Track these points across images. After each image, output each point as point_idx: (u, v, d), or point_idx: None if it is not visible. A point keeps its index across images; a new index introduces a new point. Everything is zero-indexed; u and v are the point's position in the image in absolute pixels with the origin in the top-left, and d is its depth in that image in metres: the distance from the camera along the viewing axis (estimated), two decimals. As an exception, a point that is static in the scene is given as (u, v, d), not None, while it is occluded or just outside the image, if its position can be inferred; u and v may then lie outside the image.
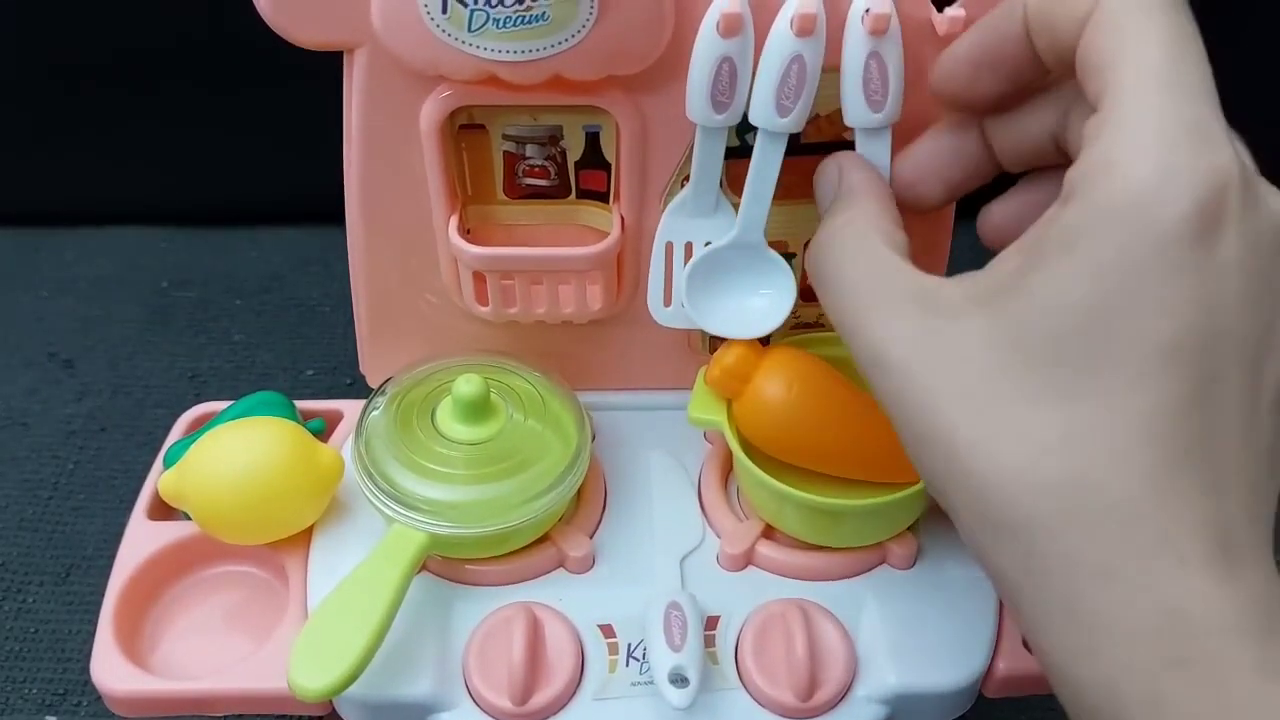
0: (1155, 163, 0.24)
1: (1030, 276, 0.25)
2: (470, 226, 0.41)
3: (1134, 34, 0.26)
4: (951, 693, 0.37)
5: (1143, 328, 0.24)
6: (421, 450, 0.38)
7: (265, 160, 0.69)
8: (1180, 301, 0.24)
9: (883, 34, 0.34)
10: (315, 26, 0.36)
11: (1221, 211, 0.24)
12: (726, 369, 0.38)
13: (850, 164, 0.35)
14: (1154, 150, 0.24)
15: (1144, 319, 0.24)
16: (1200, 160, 0.24)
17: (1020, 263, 0.26)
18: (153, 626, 0.39)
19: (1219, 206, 0.24)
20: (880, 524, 0.39)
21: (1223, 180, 0.24)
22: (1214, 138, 0.25)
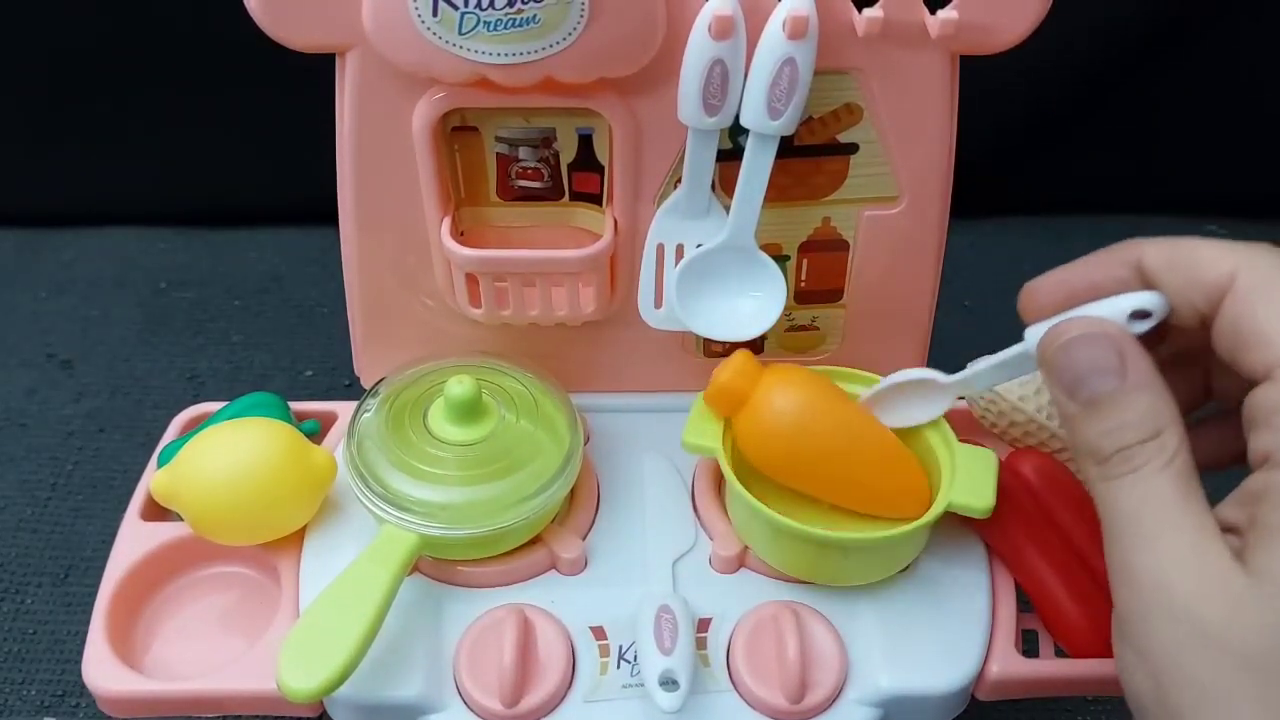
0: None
1: (1275, 545, 0.26)
2: (463, 229, 0.41)
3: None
4: (943, 696, 0.37)
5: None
6: (413, 451, 0.38)
7: (264, 161, 0.69)
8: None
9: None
10: (306, 29, 0.36)
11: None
12: (727, 382, 0.37)
13: (1131, 348, 0.30)
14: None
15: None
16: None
17: (1253, 534, 0.27)
18: (145, 627, 0.39)
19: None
20: (876, 562, 0.38)
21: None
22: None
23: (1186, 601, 0.27)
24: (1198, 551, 0.27)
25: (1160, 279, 0.30)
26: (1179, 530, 0.27)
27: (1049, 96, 0.71)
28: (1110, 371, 0.29)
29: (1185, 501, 0.28)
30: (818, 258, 0.42)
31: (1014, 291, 0.78)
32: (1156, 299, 0.30)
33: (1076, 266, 0.33)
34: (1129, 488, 0.28)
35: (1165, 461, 0.28)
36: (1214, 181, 0.75)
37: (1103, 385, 0.29)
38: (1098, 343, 0.30)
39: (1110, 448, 0.29)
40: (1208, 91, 0.71)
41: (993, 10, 0.36)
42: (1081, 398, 0.30)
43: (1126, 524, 0.28)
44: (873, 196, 0.41)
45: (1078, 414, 0.30)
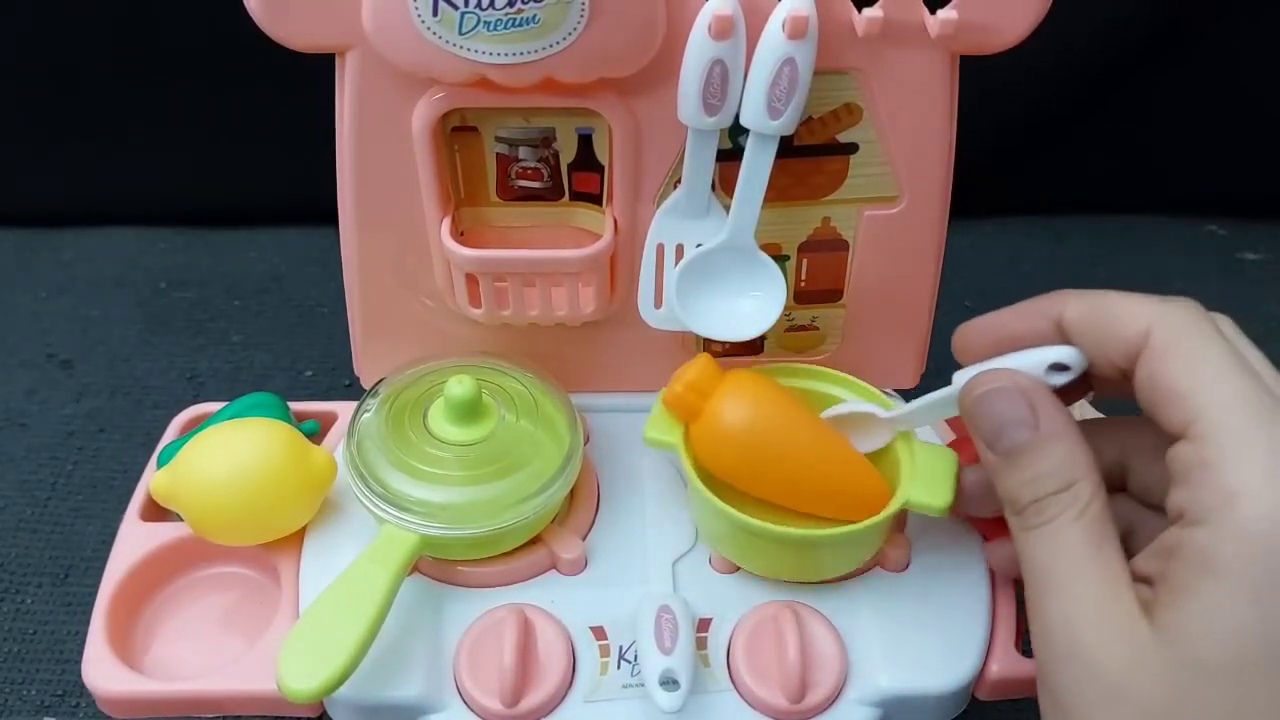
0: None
1: (1184, 603, 0.27)
2: (463, 229, 0.41)
3: (1206, 363, 0.28)
4: (944, 695, 0.37)
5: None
6: (413, 451, 0.38)
7: (264, 161, 0.69)
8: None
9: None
10: (306, 29, 0.36)
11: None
12: (687, 386, 0.38)
13: (1044, 401, 0.31)
14: (1276, 481, 0.26)
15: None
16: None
17: (1164, 589, 0.27)
18: (145, 628, 0.39)
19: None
20: (835, 558, 0.38)
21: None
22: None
23: (1092, 652, 0.27)
24: (1105, 603, 0.28)
25: (1077, 335, 0.31)
26: (1088, 581, 0.28)
27: (1049, 96, 0.71)
28: (1023, 423, 0.30)
29: (1097, 552, 0.28)
30: (817, 258, 0.42)
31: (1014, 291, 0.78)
32: (1073, 353, 0.31)
33: (1004, 315, 0.34)
34: (1043, 539, 0.29)
35: (1078, 512, 0.29)
36: (1214, 181, 0.75)
37: (1017, 436, 0.30)
38: (1010, 395, 0.31)
39: (1026, 498, 0.30)
40: (1208, 91, 0.71)
41: (992, 10, 0.36)
42: (1000, 449, 0.31)
43: (1040, 574, 0.29)
44: (872, 196, 0.41)
45: (997, 464, 0.31)
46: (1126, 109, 0.72)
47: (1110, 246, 0.75)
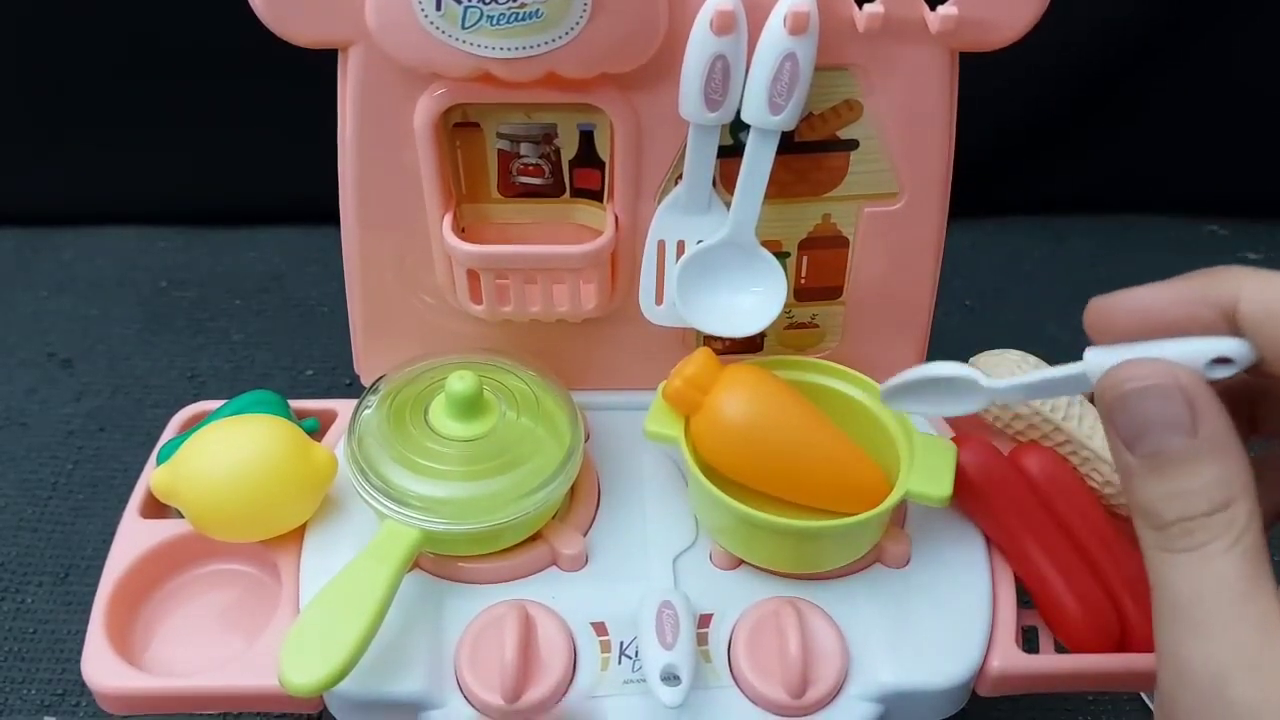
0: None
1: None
2: (465, 225, 0.41)
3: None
4: (945, 690, 0.37)
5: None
6: (414, 447, 0.38)
7: (264, 160, 0.69)
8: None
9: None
10: (309, 25, 0.36)
11: None
12: (687, 380, 0.37)
13: (1207, 403, 0.26)
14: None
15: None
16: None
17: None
18: (145, 624, 0.39)
19: None
20: (834, 550, 0.38)
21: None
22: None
23: (1243, 709, 0.24)
24: (1263, 653, 0.24)
25: (1253, 329, 0.27)
26: (1243, 624, 0.25)
27: (1049, 96, 0.71)
28: (1180, 428, 0.26)
29: (1253, 589, 0.25)
30: (818, 254, 0.42)
31: (1014, 291, 0.79)
32: (1243, 348, 0.26)
33: (1158, 293, 0.28)
34: (1189, 566, 0.25)
35: (1233, 539, 0.25)
36: (1214, 181, 0.75)
37: (1169, 443, 0.26)
38: (1169, 395, 0.26)
39: (1171, 514, 0.26)
40: (1208, 92, 0.71)
41: (992, 6, 0.36)
42: (1143, 451, 0.26)
43: (1183, 607, 0.25)
44: (873, 193, 0.41)
45: (1136, 469, 0.26)
46: (1127, 109, 0.72)
47: (1110, 246, 0.75)
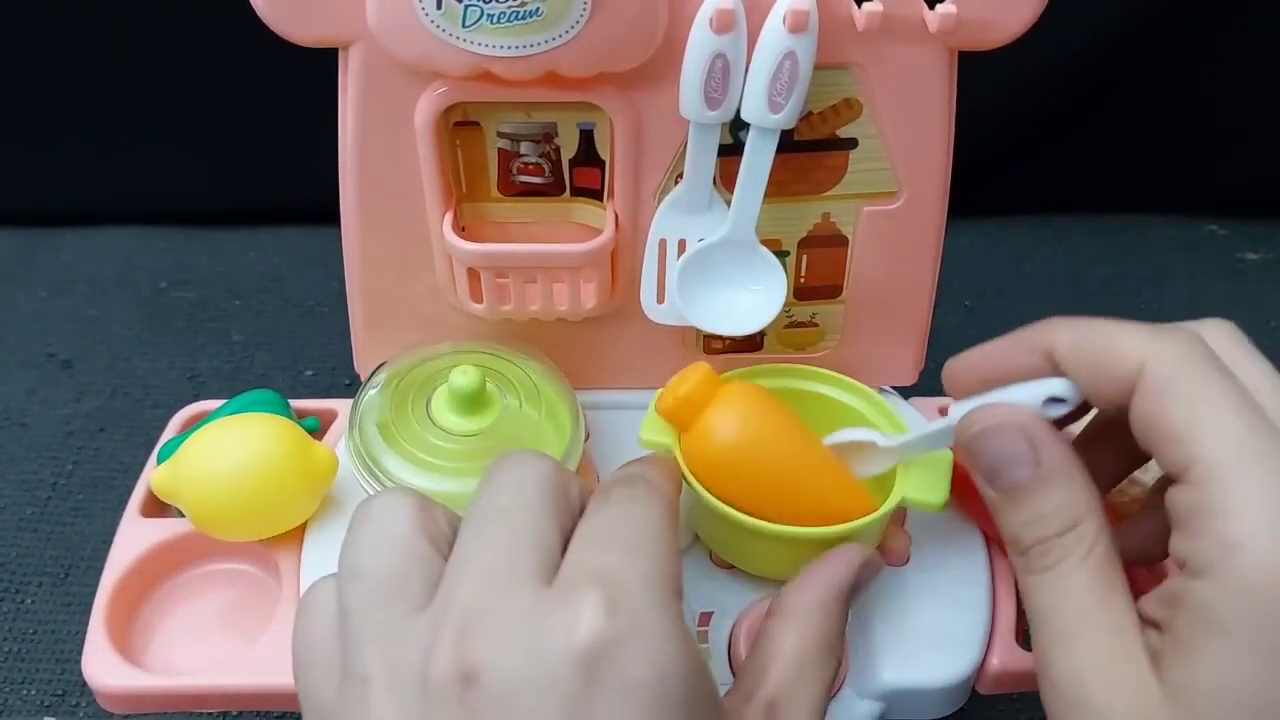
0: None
1: (1189, 660, 0.26)
2: (465, 224, 0.41)
3: (1203, 402, 0.27)
4: (944, 688, 0.37)
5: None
6: (417, 440, 0.38)
7: (264, 160, 0.69)
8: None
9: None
10: (310, 23, 0.36)
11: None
12: (680, 400, 0.36)
13: (1044, 436, 0.30)
14: (1278, 532, 0.25)
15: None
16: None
17: (1170, 642, 0.26)
18: (145, 623, 0.39)
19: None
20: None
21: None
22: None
23: (1102, 710, 0.26)
24: (1115, 656, 0.27)
25: (1070, 369, 0.30)
26: (1096, 631, 0.27)
27: (1049, 95, 0.71)
28: (1023, 461, 0.29)
29: (1105, 598, 0.28)
30: (817, 253, 0.42)
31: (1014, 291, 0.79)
32: (1069, 387, 0.30)
33: (991, 349, 0.33)
34: (1048, 584, 0.28)
35: (1083, 555, 0.28)
36: (1214, 181, 0.75)
37: (1017, 474, 0.29)
38: (1008, 433, 0.30)
39: (1029, 539, 0.29)
40: (1208, 91, 0.71)
41: (991, 5, 0.36)
42: (1000, 486, 0.30)
43: (1046, 622, 0.28)
44: (872, 192, 0.41)
45: (998, 502, 0.30)
46: (1127, 108, 0.72)
47: (1110, 246, 0.75)
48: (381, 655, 0.26)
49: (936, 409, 0.46)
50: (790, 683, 0.30)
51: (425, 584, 0.27)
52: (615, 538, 0.28)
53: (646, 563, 0.27)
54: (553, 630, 0.25)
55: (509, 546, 0.27)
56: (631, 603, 0.26)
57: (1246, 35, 0.69)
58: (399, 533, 0.28)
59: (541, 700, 0.24)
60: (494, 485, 0.29)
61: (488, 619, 0.25)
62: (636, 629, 0.25)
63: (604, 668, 0.24)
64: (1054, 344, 0.30)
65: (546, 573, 0.27)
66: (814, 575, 0.33)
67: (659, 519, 0.29)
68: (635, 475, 0.31)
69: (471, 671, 0.25)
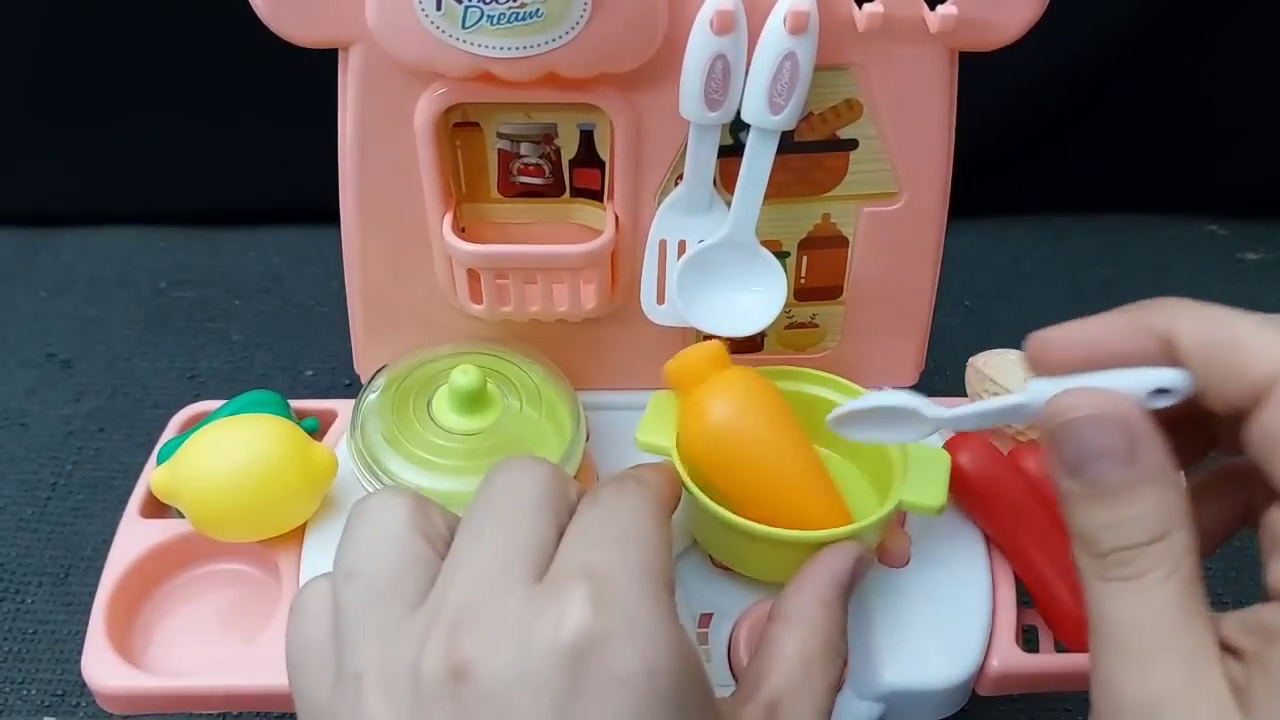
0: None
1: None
2: (464, 224, 0.41)
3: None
4: (945, 690, 0.37)
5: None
6: (418, 440, 0.38)
7: (264, 160, 0.69)
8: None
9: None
10: (310, 24, 0.36)
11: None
12: (689, 362, 0.36)
13: (1146, 435, 0.27)
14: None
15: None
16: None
17: (1260, 677, 0.25)
18: (145, 624, 0.39)
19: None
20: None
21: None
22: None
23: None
24: (1195, 686, 0.25)
25: (1194, 363, 0.27)
26: (1176, 654, 0.25)
27: (1049, 96, 0.71)
28: (1119, 458, 0.26)
29: (1187, 620, 0.25)
30: (817, 254, 0.42)
31: (1014, 291, 0.79)
32: (1184, 379, 0.27)
33: (1098, 325, 0.29)
34: (1125, 595, 0.26)
35: (1169, 570, 0.25)
36: (1214, 181, 0.75)
37: (1108, 472, 0.26)
38: (1108, 425, 0.27)
39: (1108, 543, 0.26)
40: (1208, 91, 0.71)
41: (992, 6, 0.36)
42: (1083, 479, 0.27)
43: (1118, 635, 0.26)
44: (872, 193, 0.41)
45: (1076, 496, 0.27)
46: (1127, 108, 0.72)
47: (1110, 246, 0.75)
48: (375, 653, 0.26)
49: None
50: (793, 684, 0.30)
51: (421, 583, 0.27)
52: (604, 534, 0.28)
53: (635, 558, 0.27)
54: (541, 626, 0.25)
55: (504, 546, 0.27)
56: (620, 597, 0.26)
57: (1246, 35, 0.69)
58: (395, 532, 0.28)
59: (531, 696, 0.24)
60: (492, 487, 0.29)
61: (479, 616, 0.25)
62: (624, 623, 0.25)
63: (591, 663, 0.24)
64: (1176, 332, 0.27)
65: (540, 572, 0.27)
66: (811, 575, 0.33)
67: (648, 515, 0.29)
68: (626, 476, 0.31)
69: (462, 668, 0.24)
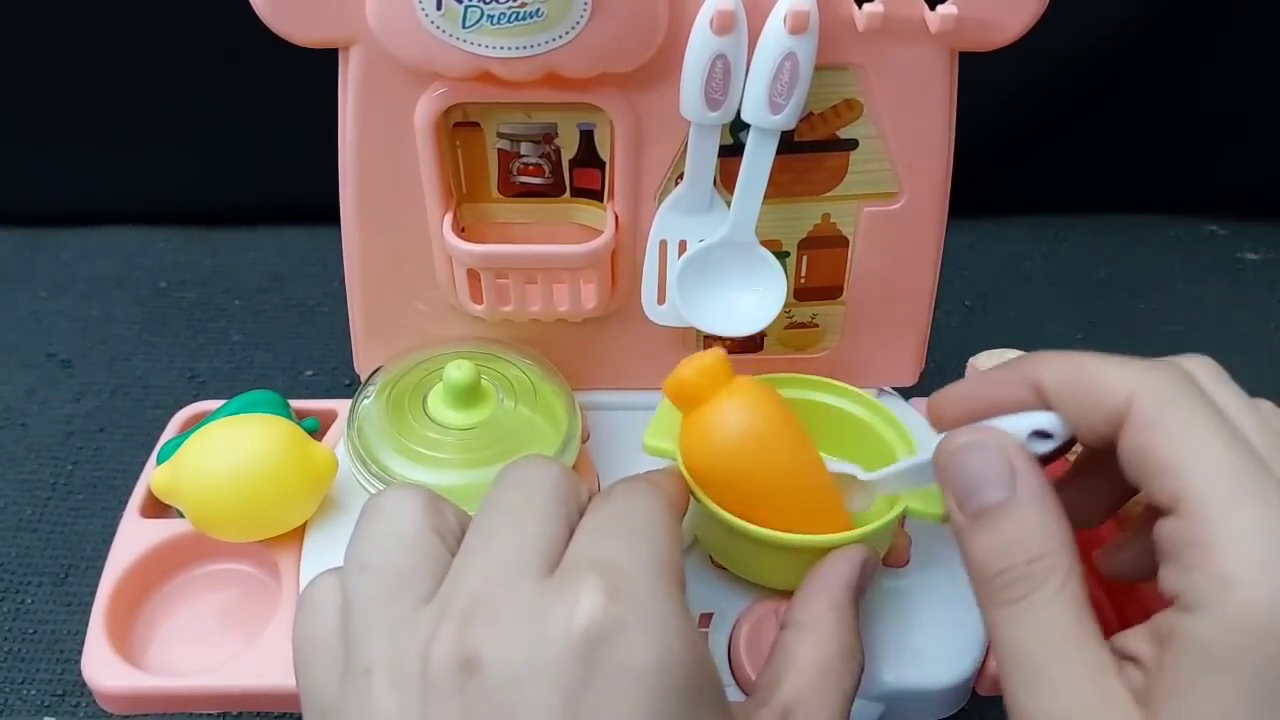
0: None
1: (1183, 697, 0.25)
2: (465, 224, 0.41)
3: (1192, 435, 0.26)
4: (945, 690, 0.37)
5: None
6: (413, 436, 0.38)
7: (264, 160, 0.69)
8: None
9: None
10: (310, 24, 0.36)
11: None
12: (687, 380, 0.35)
13: (1024, 462, 0.29)
14: (1272, 566, 0.24)
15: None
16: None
17: (1160, 679, 0.25)
18: (145, 624, 0.39)
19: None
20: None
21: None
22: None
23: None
24: (1099, 698, 0.26)
25: (1058, 403, 0.29)
26: (1076, 671, 0.26)
27: (1049, 96, 0.71)
28: (999, 482, 0.28)
29: (1080, 636, 0.26)
30: (818, 254, 0.42)
31: (1014, 291, 0.79)
32: (1055, 420, 0.29)
33: (978, 382, 0.32)
34: (1017, 618, 0.27)
35: (1056, 588, 0.27)
36: (1214, 181, 0.75)
37: (991, 496, 0.28)
38: (987, 452, 0.29)
39: (994, 565, 0.28)
40: (1207, 91, 0.71)
41: (992, 6, 0.36)
42: (970, 509, 0.29)
43: (1017, 659, 0.27)
44: (872, 193, 0.41)
45: (965, 525, 0.29)
46: (1126, 108, 0.72)
47: (1110, 246, 0.75)
48: (385, 647, 0.26)
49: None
50: (808, 690, 0.30)
51: (432, 578, 0.27)
52: (616, 530, 0.28)
53: (647, 552, 0.27)
54: (552, 617, 0.25)
55: (516, 541, 0.27)
56: (632, 590, 0.26)
57: (1246, 35, 0.69)
58: (408, 528, 0.28)
59: (541, 687, 0.24)
60: (504, 486, 0.30)
61: (490, 608, 0.25)
62: (637, 616, 0.25)
63: (603, 654, 0.24)
64: (1041, 377, 0.30)
65: (551, 567, 0.27)
66: (821, 580, 0.33)
67: (660, 512, 0.29)
68: (637, 477, 0.32)
69: (473, 659, 0.25)
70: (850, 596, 0.33)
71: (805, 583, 0.34)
